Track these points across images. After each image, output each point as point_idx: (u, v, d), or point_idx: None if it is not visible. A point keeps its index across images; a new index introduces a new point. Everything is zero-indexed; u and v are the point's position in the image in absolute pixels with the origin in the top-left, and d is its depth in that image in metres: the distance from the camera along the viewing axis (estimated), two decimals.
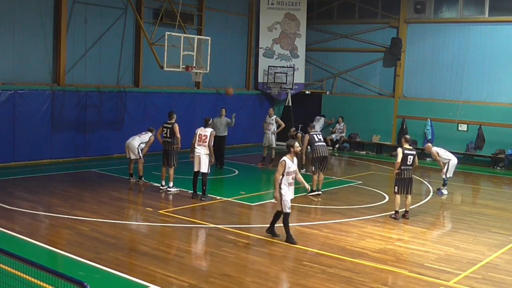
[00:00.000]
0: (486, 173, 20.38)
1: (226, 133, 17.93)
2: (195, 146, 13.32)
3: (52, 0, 17.71)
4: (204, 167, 13.27)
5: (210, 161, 13.41)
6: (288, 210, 10.05)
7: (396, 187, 12.41)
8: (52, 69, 17.93)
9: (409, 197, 12.50)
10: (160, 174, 14.44)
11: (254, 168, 18.89)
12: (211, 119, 14.10)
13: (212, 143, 13.40)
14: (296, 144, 10.22)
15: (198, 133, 13.41)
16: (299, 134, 18.03)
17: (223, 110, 17.96)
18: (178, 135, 14.05)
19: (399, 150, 12.36)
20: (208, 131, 13.39)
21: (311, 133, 15.11)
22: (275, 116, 19.17)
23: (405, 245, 10.41)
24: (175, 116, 14.32)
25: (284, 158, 10.02)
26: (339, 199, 14.33)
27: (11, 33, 16.84)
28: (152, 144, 15.12)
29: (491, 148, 21.45)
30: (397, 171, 12.30)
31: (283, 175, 9.95)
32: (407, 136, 12.90)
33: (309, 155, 19.58)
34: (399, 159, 12.23)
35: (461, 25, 22.19)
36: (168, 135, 14.11)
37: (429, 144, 16.65)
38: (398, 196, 12.43)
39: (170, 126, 14.11)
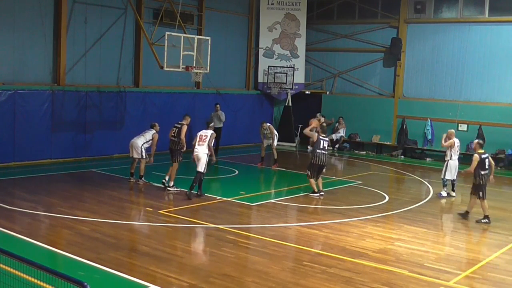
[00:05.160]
0: None
1: (221, 125, 20.88)
2: (195, 146, 13.59)
3: (52, 0, 17.70)
4: (201, 167, 13.39)
5: (209, 161, 13.58)
6: None
7: (309, 172, 14.25)
8: (52, 69, 17.91)
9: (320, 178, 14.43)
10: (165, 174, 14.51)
11: (254, 168, 18.88)
12: (212, 123, 14.83)
13: (213, 143, 13.71)
14: None
15: (199, 135, 13.73)
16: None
17: (218, 106, 21.06)
18: (182, 136, 14.31)
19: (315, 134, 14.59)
20: (208, 132, 13.71)
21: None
22: (268, 125, 18.80)
23: (405, 245, 10.40)
24: (188, 118, 14.92)
25: None
26: (339, 199, 14.32)
27: (11, 33, 16.82)
28: (157, 142, 15.07)
29: (491, 148, 21.37)
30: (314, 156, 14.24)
31: None
32: (319, 128, 15.14)
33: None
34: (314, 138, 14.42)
35: (461, 25, 22.18)
36: (175, 135, 14.47)
37: (453, 130, 15.70)
38: (312, 180, 14.25)
39: (179, 126, 14.52)
